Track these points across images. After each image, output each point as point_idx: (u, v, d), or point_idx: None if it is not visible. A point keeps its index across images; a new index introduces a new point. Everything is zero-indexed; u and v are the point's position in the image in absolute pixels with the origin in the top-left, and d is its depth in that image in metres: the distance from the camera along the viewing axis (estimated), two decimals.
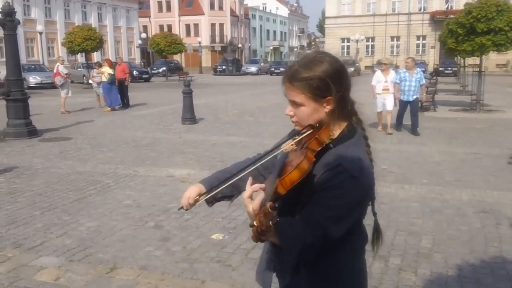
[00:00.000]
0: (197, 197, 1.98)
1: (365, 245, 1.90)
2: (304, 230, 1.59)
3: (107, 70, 17.49)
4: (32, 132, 11.84)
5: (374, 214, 1.89)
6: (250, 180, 1.62)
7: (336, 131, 1.76)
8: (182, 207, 2.00)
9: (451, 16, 24.35)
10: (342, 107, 1.75)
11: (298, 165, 1.61)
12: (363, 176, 1.65)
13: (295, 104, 1.76)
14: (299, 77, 1.72)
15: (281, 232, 1.54)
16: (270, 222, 1.42)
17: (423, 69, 43.73)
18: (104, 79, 17.36)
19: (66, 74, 17.17)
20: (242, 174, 1.84)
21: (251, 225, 1.45)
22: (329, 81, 1.69)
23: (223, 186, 1.91)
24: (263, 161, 1.85)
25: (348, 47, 61.96)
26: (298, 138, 1.76)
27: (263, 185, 1.60)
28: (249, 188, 1.58)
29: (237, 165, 2.08)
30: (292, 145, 1.76)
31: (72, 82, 34.00)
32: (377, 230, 1.95)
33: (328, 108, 1.73)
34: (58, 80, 17.02)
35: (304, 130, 1.75)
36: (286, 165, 1.69)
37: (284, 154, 1.80)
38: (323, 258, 1.73)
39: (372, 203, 1.83)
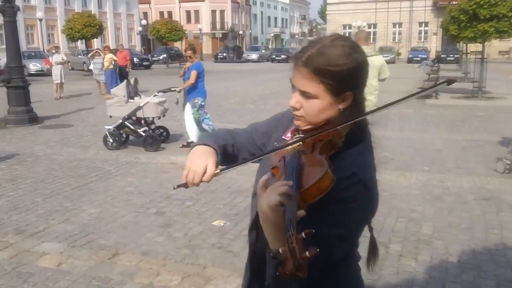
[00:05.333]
0: (218, 170, 1.51)
1: (358, 253, 1.62)
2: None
3: (113, 57, 17.52)
4: (33, 119, 11.84)
5: (371, 229, 1.60)
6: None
7: (344, 130, 1.45)
8: (184, 185, 1.52)
9: (454, 2, 24.20)
10: (358, 105, 1.47)
11: (323, 177, 1.27)
12: (374, 186, 1.43)
13: (306, 96, 1.43)
14: (322, 63, 1.39)
15: None
16: (307, 253, 1.06)
17: (425, 55, 43.78)
18: (111, 66, 17.40)
19: (55, 62, 17.65)
20: (254, 160, 1.57)
21: (276, 256, 1.09)
22: (355, 73, 1.42)
23: (239, 165, 1.56)
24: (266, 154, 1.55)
25: (349, 33, 61.59)
26: (306, 137, 1.44)
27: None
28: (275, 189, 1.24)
29: (241, 135, 1.77)
30: (299, 144, 1.44)
31: (72, 69, 34.14)
32: (373, 247, 1.63)
33: (343, 105, 1.44)
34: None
35: (312, 131, 1.46)
36: (304, 173, 1.33)
37: (294, 158, 1.39)
38: (326, 275, 1.46)
39: None
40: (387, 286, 3.83)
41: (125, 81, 9.40)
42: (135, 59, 37.32)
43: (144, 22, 55.60)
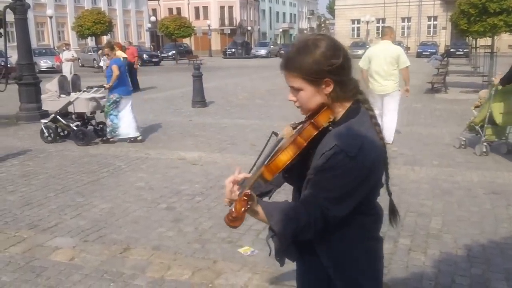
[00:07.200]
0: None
1: (377, 225, 1.88)
2: (298, 212, 1.63)
3: (121, 54, 17.59)
4: (44, 116, 11.91)
5: (389, 194, 1.86)
6: (238, 168, 1.70)
7: (340, 112, 1.75)
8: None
9: None
10: (343, 88, 1.72)
11: (283, 151, 1.63)
12: (362, 155, 1.61)
13: (295, 90, 1.76)
14: (294, 62, 1.72)
15: (268, 216, 1.62)
16: (243, 209, 1.48)
17: (434, 50, 43.48)
18: None
19: (65, 59, 18.26)
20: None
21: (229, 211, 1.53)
22: (324, 63, 1.68)
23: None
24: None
25: (358, 28, 61.43)
26: (297, 124, 1.79)
27: (248, 175, 1.66)
28: (232, 176, 1.63)
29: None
30: (292, 131, 1.78)
31: (82, 66, 34.34)
32: (393, 210, 1.93)
33: (327, 90, 1.71)
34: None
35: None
36: (276, 151, 1.70)
37: (278, 140, 1.80)
38: (329, 237, 1.75)
39: (386, 183, 1.81)
40: (396, 280, 3.85)
41: (58, 76, 9.75)
42: (145, 56, 37.48)
43: (153, 18, 55.71)
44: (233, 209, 1.49)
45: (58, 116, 9.15)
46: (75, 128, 9.09)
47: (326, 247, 1.80)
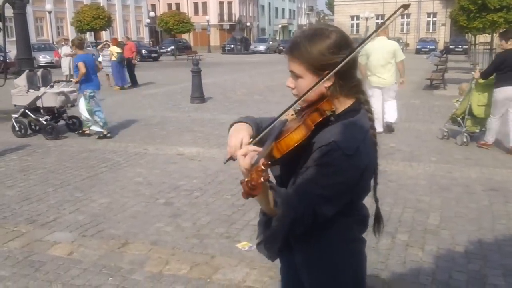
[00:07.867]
0: (251, 140, 1.70)
1: (361, 227, 1.84)
2: (296, 201, 1.57)
3: (115, 49, 17.59)
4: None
5: (376, 201, 1.83)
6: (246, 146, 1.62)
7: (341, 106, 1.70)
8: (230, 158, 1.70)
9: None
10: (344, 83, 1.67)
11: (295, 130, 1.59)
12: (358, 156, 1.58)
13: (295, 76, 1.71)
14: (299, 48, 1.67)
15: (277, 195, 1.56)
16: (262, 179, 1.41)
17: (433, 46, 43.51)
18: (113, 58, 17.48)
19: (64, 54, 18.13)
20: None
21: (241, 182, 1.44)
22: (329, 55, 1.63)
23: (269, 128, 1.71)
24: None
25: (357, 24, 61.35)
26: (299, 108, 1.75)
27: (259, 149, 1.54)
28: (244, 147, 1.55)
29: (264, 119, 1.93)
30: (292, 115, 1.75)
31: None
32: (378, 218, 1.89)
33: (327, 83, 1.65)
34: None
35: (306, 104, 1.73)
36: (284, 131, 1.64)
37: (282, 122, 1.72)
38: (313, 236, 1.70)
39: (374, 189, 1.78)
40: (393, 275, 3.86)
41: (26, 71, 9.78)
42: (144, 51, 37.42)
43: (152, 14, 55.59)
44: (245, 179, 1.43)
45: (27, 111, 9.26)
46: (44, 122, 9.21)
47: (305, 252, 1.78)
